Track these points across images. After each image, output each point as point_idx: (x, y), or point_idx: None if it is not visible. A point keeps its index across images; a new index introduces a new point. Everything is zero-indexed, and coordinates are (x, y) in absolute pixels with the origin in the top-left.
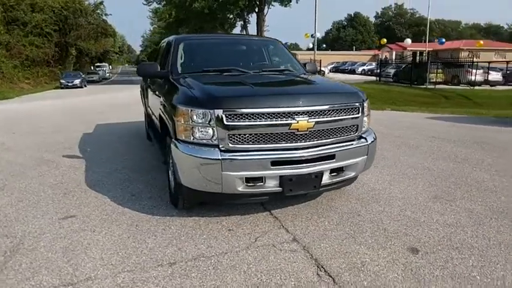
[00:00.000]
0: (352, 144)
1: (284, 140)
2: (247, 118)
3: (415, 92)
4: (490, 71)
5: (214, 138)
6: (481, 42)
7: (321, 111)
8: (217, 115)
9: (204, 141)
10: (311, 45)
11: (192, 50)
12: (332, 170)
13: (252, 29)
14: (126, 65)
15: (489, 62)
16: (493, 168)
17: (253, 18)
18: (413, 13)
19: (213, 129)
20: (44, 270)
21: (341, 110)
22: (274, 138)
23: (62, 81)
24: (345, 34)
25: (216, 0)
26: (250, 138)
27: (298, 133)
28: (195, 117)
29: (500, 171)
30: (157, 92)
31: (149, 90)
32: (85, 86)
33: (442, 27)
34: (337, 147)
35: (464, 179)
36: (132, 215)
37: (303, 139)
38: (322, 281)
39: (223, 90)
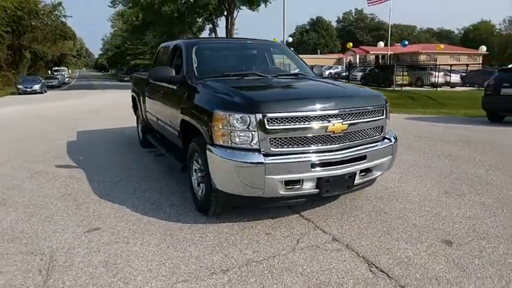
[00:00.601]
0: (380, 144)
1: (320, 143)
2: (287, 122)
3: (384, 94)
4: (451, 74)
5: (255, 142)
6: (442, 46)
7: (353, 113)
8: (259, 119)
9: (244, 145)
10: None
11: (205, 54)
12: (362, 170)
13: (221, 32)
14: (84, 69)
15: (451, 65)
16: (485, 164)
17: (221, 21)
18: (373, 18)
19: (253, 133)
20: (92, 287)
21: (370, 112)
22: (311, 141)
23: (20, 86)
24: (308, 38)
25: (185, 4)
26: (289, 141)
27: (333, 135)
28: (235, 122)
29: (493, 166)
30: (169, 98)
31: (150, 95)
32: (45, 91)
33: (399, 32)
34: (368, 148)
35: (465, 175)
36: (160, 224)
37: (338, 141)
38: (378, 277)
39: (262, 95)
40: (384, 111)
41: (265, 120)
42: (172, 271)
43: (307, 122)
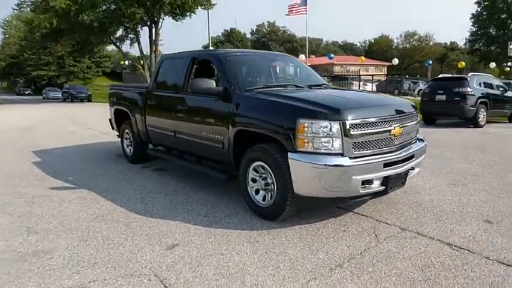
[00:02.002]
0: (419, 145)
1: (384, 145)
2: (363, 127)
3: None
4: (366, 83)
5: (339, 147)
6: (363, 58)
7: (403, 118)
8: (343, 126)
9: (328, 150)
10: None
11: (240, 66)
12: (411, 168)
13: (145, 42)
14: None
15: (372, 75)
16: (459, 160)
17: (143, 31)
18: (285, 31)
19: (338, 138)
20: None
21: (412, 116)
22: (379, 143)
23: None
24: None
25: (105, 13)
26: (365, 144)
27: (393, 138)
28: (320, 129)
29: (472, 162)
30: (205, 110)
31: (158, 109)
32: None
33: (309, 44)
34: (413, 148)
35: (455, 169)
36: (235, 233)
37: (396, 143)
38: (463, 253)
39: (340, 103)
40: (417, 116)
41: (348, 126)
42: (293, 272)
43: (377, 127)
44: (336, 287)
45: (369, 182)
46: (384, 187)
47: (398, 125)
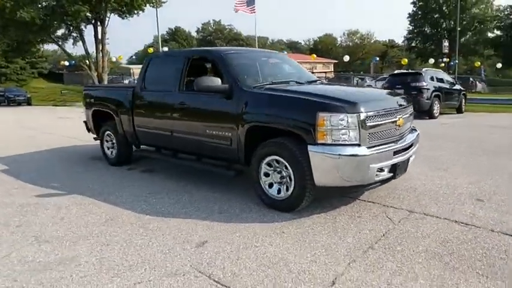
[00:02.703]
0: (415, 134)
1: (391, 135)
2: (376, 118)
3: None
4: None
5: (356, 138)
6: (314, 56)
7: (403, 110)
8: (361, 118)
9: (347, 141)
10: None
11: (241, 63)
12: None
13: (90, 41)
14: None
15: (325, 72)
16: (435, 149)
17: (88, 30)
18: (231, 29)
19: (355, 130)
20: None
21: (408, 108)
22: (387, 133)
23: None
24: (168, 48)
25: (45, 10)
26: (377, 135)
27: (398, 128)
28: (340, 121)
29: (442, 149)
30: (209, 108)
31: (150, 109)
32: None
33: (254, 42)
34: (411, 137)
35: (430, 157)
36: (259, 227)
37: (400, 132)
38: (472, 228)
39: (354, 97)
40: (412, 107)
41: (363, 118)
42: (331, 257)
43: (386, 118)
44: (377, 266)
45: (381, 169)
46: (392, 174)
47: (401, 116)
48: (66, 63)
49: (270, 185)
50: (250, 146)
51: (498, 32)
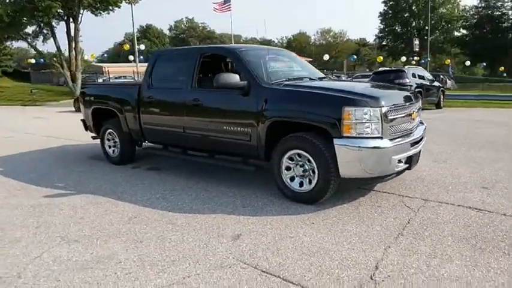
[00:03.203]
0: (424, 127)
1: (406, 128)
2: (396, 112)
3: None
4: None
5: (379, 130)
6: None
7: (416, 104)
8: (384, 112)
9: (370, 134)
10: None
11: (257, 60)
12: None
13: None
14: None
15: None
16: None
17: (60, 26)
18: (205, 27)
19: (378, 123)
20: (326, 271)
21: (418, 103)
22: (404, 126)
23: None
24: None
25: (16, 5)
26: (396, 128)
27: (411, 121)
28: (364, 115)
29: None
30: (229, 105)
31: (162, 106)
32: None
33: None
34: (421, 130)
35: (428, 150)
36: (288, 219)
37: (412, 125)
38: (486, 214)
39: (376, 92)
40: (420, 102)
41: (385, 111)
42: (367, 244)
43: (403, 112)
44: (412, 250)
45: (400, 161)
46: (408, 165)
47: (414, 109)
48: (33, 61)
49: (291, 179)
50: (270, 141)
51: (464, 31)
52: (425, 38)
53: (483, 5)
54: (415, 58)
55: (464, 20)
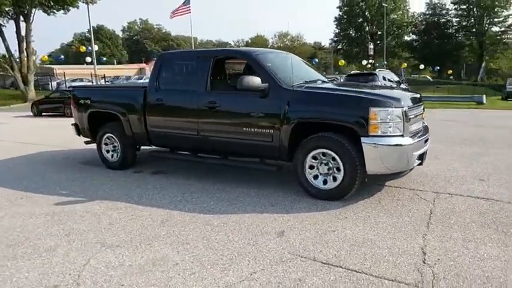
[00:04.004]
0: (428, 127)
1: (419, 126)
2: (413, 112)
3: None
4: None
5: (401, 129)
6: None
7: (422, 104)
8: (405, 111)
9: (394, 133)
10: (89, 59)
11: (274, 63)
12: None
13: (11, 38)
14: None
15: None
16: None
17: (10, 25)
18: (160, 28)
19: (401, 122)
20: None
21: (423, 103)
22: (417, 125)
23: None
24: (87, 46)
25: None
26: (412, 127)
27: (421, 120)
28: (389, 115)
29: None
30: (250, 106)
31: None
32: None
33: (182, 43)
34: (426, 129)
35: None
36: (320, 215)
37: (422, 124)
38: (494, 202)
39: (396, 94)
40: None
41: (405, 111)
42: (404, 233)
43: (417, 111)
44: (447, 236)
45: (417, 157)
46: (420, 161)
47: (423, 109)
48: None
49: (315, 177)
50: (293, 142)
51: (414, 36)
52: (378, 42)
53: (430, 12)
54: (370, 61)
55: (414, 26)
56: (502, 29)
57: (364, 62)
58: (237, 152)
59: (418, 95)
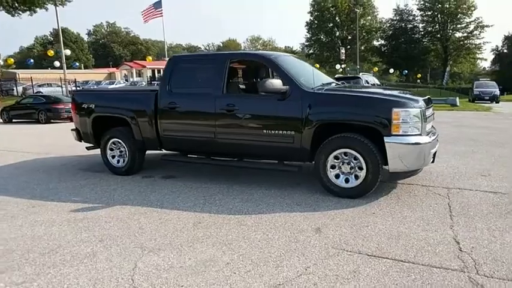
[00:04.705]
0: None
1: (431, 126)
2: (427, 112)
3: None
4: None
5: (420, 128)
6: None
7: (432, 105)
8: (422, 111)
9: (414, 132)
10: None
11: (292, 66)
12: None
13: None
14: None
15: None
16: None
17: None
18: (128, 32)
19: (420, 122)
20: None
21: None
22: (430, 124)
23: None
24: (55, 50)
25: None
26: (427, 126)
27: (433, 120)
28: (409, 116)
29: None
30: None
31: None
32: None
33: (151, 46)
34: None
35: None
36: (349, 211)
37: (431, 124)
38: (502, 195)
39: (412, 95)
40: None
41: (423, 111)
42: (434, 225)
43: (430, 111)
44: (474, 227)
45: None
46: (432, 159)
47: (433, 110)
48: None
49: (337, 176)
50: (315, 143)
51: (382, 41)
52: (348, 47)
53: (398, 18)
54: (342, 66)
55: (382, 31)
56: (465, 34)
57: (338, 66)
58: (255, 154)
59: (428, 97)
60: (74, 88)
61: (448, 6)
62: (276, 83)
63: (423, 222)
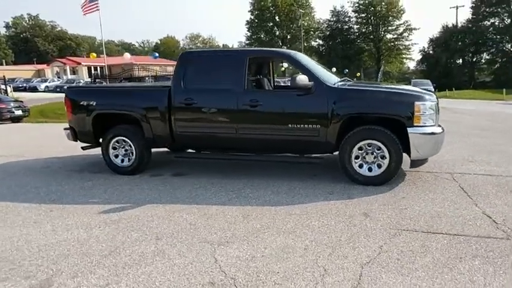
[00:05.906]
0: None
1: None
2: (438, 105)
3: None
4: None
5: (434, 120)
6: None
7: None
8: (436, 104)
9: (431, 123)
10: None
11: (310, 63)
12: None
13: None
14: None
15: None
16: None
17: None
18: (54, 26)
19: (434, 114)
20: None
21: None
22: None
23: None
24: None
25: None
26: (438, 117)
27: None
28: (428, 108)
29: None
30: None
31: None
32: None
33: (80, 42)
34: None
35: None
36: (381, 197)
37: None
38: (496, 175)
39: (427, 91)
40: None
41: (437, 104)
42: (463, 205)
43: (438, 105)
44: (495, 204)
45: None
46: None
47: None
48: None
49: (360, 166)
50: (341, 135)
51: (320, 41)
52: (288, 46)
53: (334, 19)
54: (285, 65)
55: (320, 31)
56: (395, 36)
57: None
58: (277, 148)
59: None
60: (2, 86)
61: (380, 9)
62: (304, 78)
63: (450, 202)
